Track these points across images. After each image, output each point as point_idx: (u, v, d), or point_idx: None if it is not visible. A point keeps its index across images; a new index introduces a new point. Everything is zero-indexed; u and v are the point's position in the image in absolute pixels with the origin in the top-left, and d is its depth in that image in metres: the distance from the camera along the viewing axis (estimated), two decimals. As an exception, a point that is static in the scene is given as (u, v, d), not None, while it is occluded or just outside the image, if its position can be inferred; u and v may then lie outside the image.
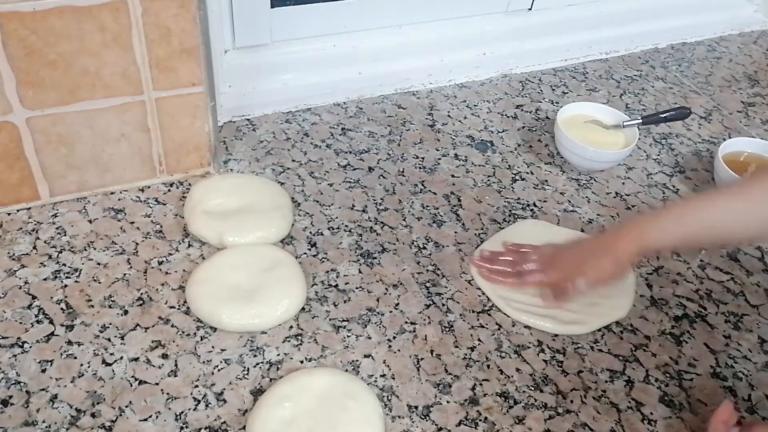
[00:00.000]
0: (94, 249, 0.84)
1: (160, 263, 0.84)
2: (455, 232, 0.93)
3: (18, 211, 0.87)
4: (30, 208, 0.88)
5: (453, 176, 1.02)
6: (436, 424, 0.71)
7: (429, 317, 0.82)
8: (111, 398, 0.70)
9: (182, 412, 0.70)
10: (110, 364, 0.73)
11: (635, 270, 0.90)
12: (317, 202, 0.95)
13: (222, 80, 1.10)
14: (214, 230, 0.85)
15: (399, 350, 0.78)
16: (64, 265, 0.82)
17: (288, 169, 0.99)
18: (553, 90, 1.23)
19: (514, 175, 1.04)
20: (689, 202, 0.84)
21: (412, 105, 1.15)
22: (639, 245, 0.77)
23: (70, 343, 0.74)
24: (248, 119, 1.07)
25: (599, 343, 0.81)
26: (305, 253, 0.87)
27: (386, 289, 0.84)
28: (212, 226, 0.85)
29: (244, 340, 0.77)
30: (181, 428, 0.68)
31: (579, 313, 0.82)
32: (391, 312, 0.82)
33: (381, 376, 0.75)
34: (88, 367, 0.72)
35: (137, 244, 0.86)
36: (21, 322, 0.75)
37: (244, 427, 0.69)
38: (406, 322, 0.81)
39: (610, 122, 1.09)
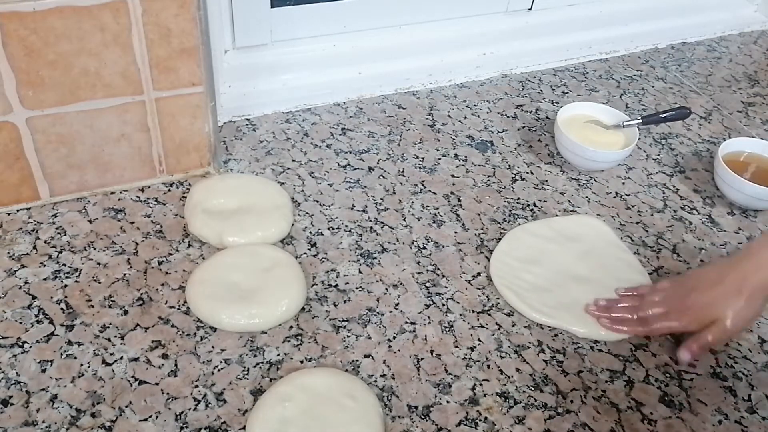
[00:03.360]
0: (94, 249, 0.84)
1: (160, 263, 0.84)
2: (455, 232, 0.93)
3: (18, 211, 0.87)
4: (30, 208, 0.88)
5: (453, 176, 1.02)
6: (436, 424, 0.71)
7: (429, 317, 0.82)
8: (111, 398, 0.70)
9: (182, 412, 0.70)
10: (110, 364, 0.73)
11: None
12: (317, 202, 0.95)
13: (222, 80, 1.10)
14: (214, 230, 0.85)
15: (399, 350, 0.78)
16: (64, 265, 0.82)
17: (288, 169, 0.99)
18: (553, 90, 1.23)
19: (514, 175, 1.04)
20: None
21: (412, 105, 1.15)
22: None
23: (70, 343, 0.74)
24: (248, 119, 1.07)
25: (599, 343, 0.81)
26: (305, 253, 0.87)
27: (386, 289, 0.84)
28: (212, 226, 0.85)
29: (244, 340, 0.77)
30: (181, 428, 0.68)
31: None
32: (391, 312, 0.82)
33: (381, 376, 0.75)
34: (88, 367, 0.72)
35: (137, 244, 0.86)
36: (21, 322, 0.75)
37: (244, 427, 0.69)
38: (406, 322, 0.81)
39: (610, 122, 1.09)
